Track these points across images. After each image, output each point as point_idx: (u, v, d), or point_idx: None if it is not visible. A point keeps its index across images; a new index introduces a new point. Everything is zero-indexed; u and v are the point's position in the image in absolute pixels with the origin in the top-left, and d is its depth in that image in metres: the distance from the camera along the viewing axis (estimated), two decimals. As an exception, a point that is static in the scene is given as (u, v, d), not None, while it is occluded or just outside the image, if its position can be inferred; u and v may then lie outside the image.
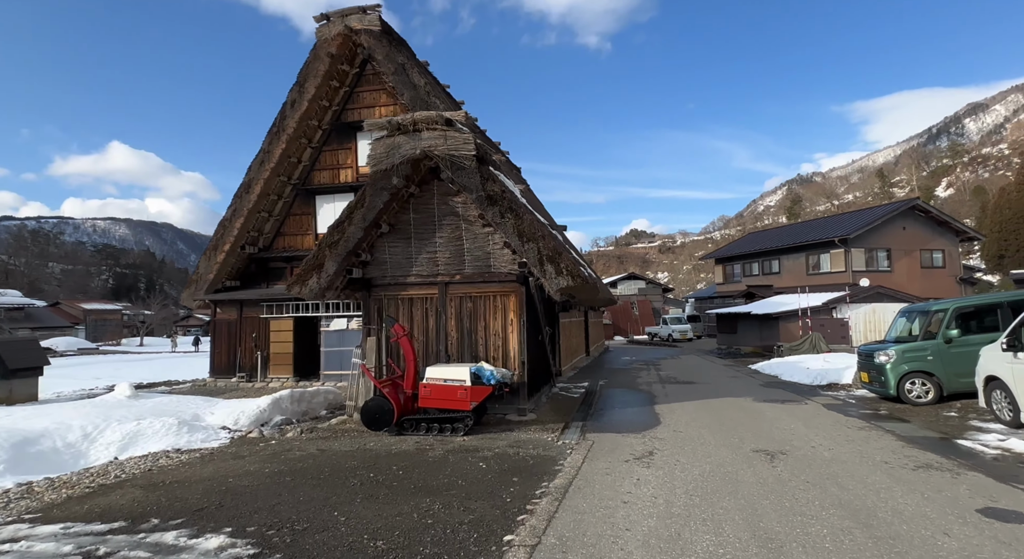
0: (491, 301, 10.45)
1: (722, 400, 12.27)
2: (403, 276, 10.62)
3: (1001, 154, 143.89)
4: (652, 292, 58.72)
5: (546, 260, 9.37)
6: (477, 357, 10.37)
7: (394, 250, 10.61)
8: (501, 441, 8.33)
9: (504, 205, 9.48)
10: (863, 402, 11.69)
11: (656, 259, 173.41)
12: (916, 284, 30.24)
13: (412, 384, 9.17)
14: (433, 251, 10.50)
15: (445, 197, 10.39)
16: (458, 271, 10.46)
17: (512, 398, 10.19)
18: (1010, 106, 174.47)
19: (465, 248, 10.39)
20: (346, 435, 9.07)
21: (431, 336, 10.56)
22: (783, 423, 9.41)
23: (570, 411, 11.07)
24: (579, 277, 9.41)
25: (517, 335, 10.26)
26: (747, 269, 38.03)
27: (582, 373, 19.27)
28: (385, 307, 10.72)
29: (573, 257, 9.76)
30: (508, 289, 10.35)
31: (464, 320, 10.49)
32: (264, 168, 17.58)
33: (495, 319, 10.41)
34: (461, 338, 10.47)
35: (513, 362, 10.26)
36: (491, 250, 10.31)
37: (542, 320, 11.76)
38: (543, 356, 12.39)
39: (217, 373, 18.65)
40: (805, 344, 22.23)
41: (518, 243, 9.46)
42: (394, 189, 9.76)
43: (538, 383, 11.71)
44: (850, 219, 33.88)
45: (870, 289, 26.46)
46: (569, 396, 13.31)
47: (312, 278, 9.95)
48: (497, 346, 10.36)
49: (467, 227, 10.36)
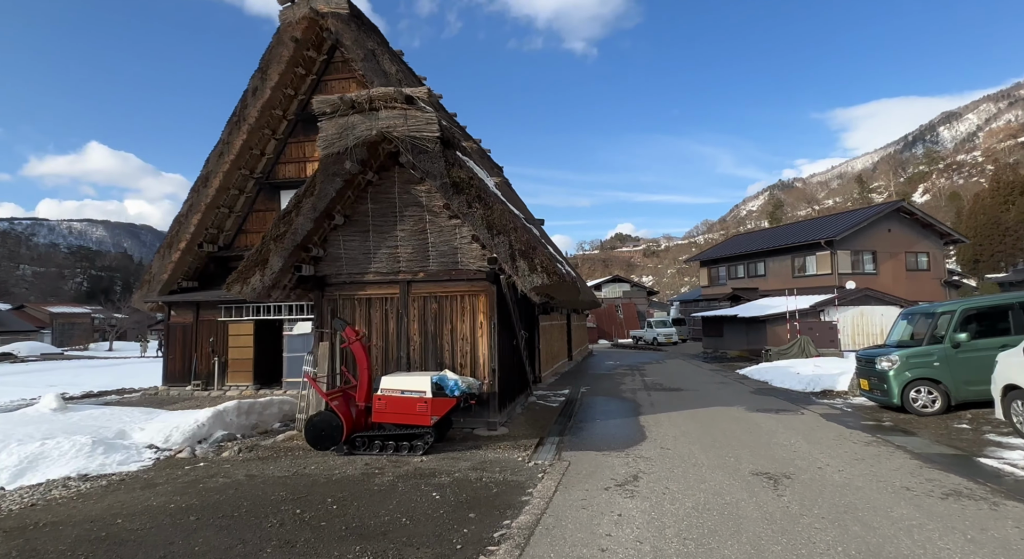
0: (458, 302, 9.38)
1: (712, 410, 11.32)
2: (360, 274, 9.50)
3: (975, 161, 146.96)
4: (637, 295, 58.05)
5: (518, 255, 8.33)
6: (443, 364, 9.29)
7: (350, 245, 9.49)
8: (464, 462, 7.26)
9: (471, 193, 8.42)
10: (863, 411, 10.81)
11: (641, 263, 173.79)
12: (901, 287, 29.77)
13: (365, 396, 8.05)
14: (394, 246, 9.41)
15: (407, 185, 9.30)
16: (422, 268, 9.38)
17: (482, 410, 9.12)
18: (982, 115, 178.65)
19: (430, 242, 9.32)
20: (288, 455, 7.91)
21: (391, 341, 9.45)
22: (781, 437, 8.46)
23: (547, 423, 10.02)
24: (555, 275, 8.38)
25: (487, 339, 9.20)
26: (732, 272, 37.44)
27: (564, 379, 18.26)
28: (340, 308, 9.59)
29: (549, 252, 8.73)
30: (477, 288, 9.29)
31: (428, 323, 9.40)
32: (223, 160, 16.35)
33: (463, 322, 9.34)
34: (425, 343, 9.38)
35: (483, 370, 9.20)
36: (458, 245, 9.25)
37: (517, 323, 10.71)
38: (518, 362, 11.34)
39: (171, 381, 17.30)
40: (794, 348, 21.46)
41: (487, 236, 8.41)
42: (348, 175, 8.65)
43: (512, 392, 10.66)
44: (836, 221, 33.41)
45: (857, 292, 25.88)
46: (547, 405, 12.26)
47: (255, 275, 8.78)
48: (465, 352, 9.29)
49: (432, 219, 9.29)
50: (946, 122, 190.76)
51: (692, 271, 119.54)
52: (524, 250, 8.39)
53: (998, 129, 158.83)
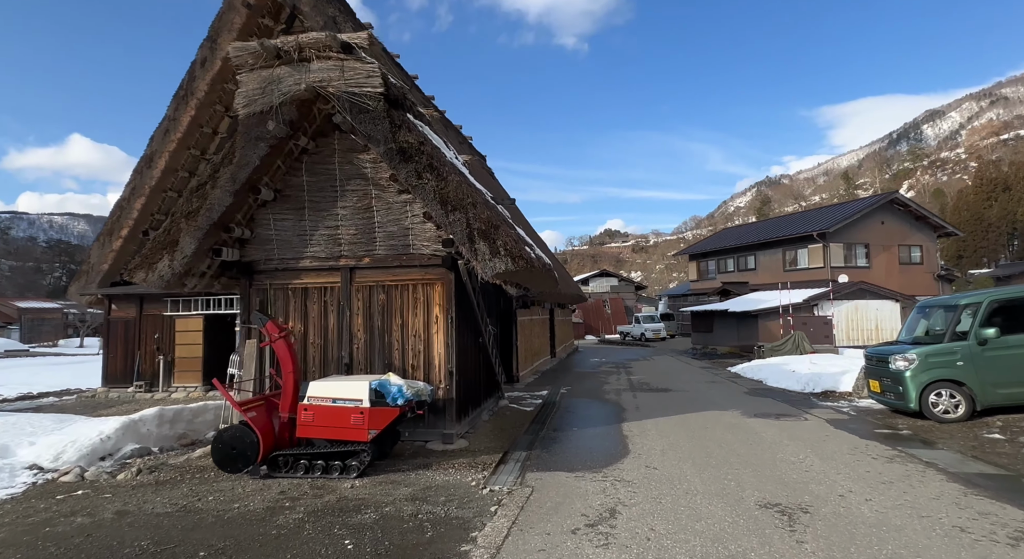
0: (410, 292, 7.98)
1: (704, 415, 10.04)
2: (294, 259, 8.07)
3: (959, 158, 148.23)
4: (625, 290, 56.91)
5: (477, 236, 6.95)
6: (392, 366, 7.90)
7: (282, 224, 8.05)
8: (404, 488, 5.88)
9: (422, 162, 7.02)
10: (873, 416, 9.60)
11: (629, 258, 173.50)
12: (894, 280, 28.78)
13: (290, 405, 6.64)
14: (334, 226, 7.97)
15: (349, 154, 7.87)
16: (367, 252, 7.96)
17: (437, 419, 7.76)
18: (965, 113, 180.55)
19: (376, 222, 7.90)
20: (193, 479, 6.48)
21: (331, 339, 8.03)
22: (788, 450, 7.19)
23: (516, 433, 8.67)
24: (522, 259, 7.02)
25: (443, 336, 7.82)
26: (722, 265, 36.36)
27: (544, 378, 16.94)
28: (271, 300, 8.15)
29: (516, 234, 7.36)
30: (433, 276, 7.90)
31: (375, 317, 8.00)
32: (169, 139, 14.69)
33: (415, 315, 7.95)
34: (371, 341, 7.98)
35: (438, 372, 7.82)
36: (410, 224, 7.84)
37: (482, 316, 9.34)
38: (484, 362, 9.98)
39: (111, 381, 15.73)
40: (788, 344, 20.34)
41: (440, 213, 7.01)
42: (275, 140, 7.20)
43: (477, 397, 9.29)
44: (828, 213, 32.40)
45: (852, 285, 24.86)
46: (521, 410, 10.92)
47: (162, 261, 7.31)
48: (418, 351, 7.90)
49: (378, 194, 7.87)
50: (930, 120, 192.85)
51: (680, 266, 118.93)
52: (484, 230, 7.00)
53: (981, 127, 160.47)
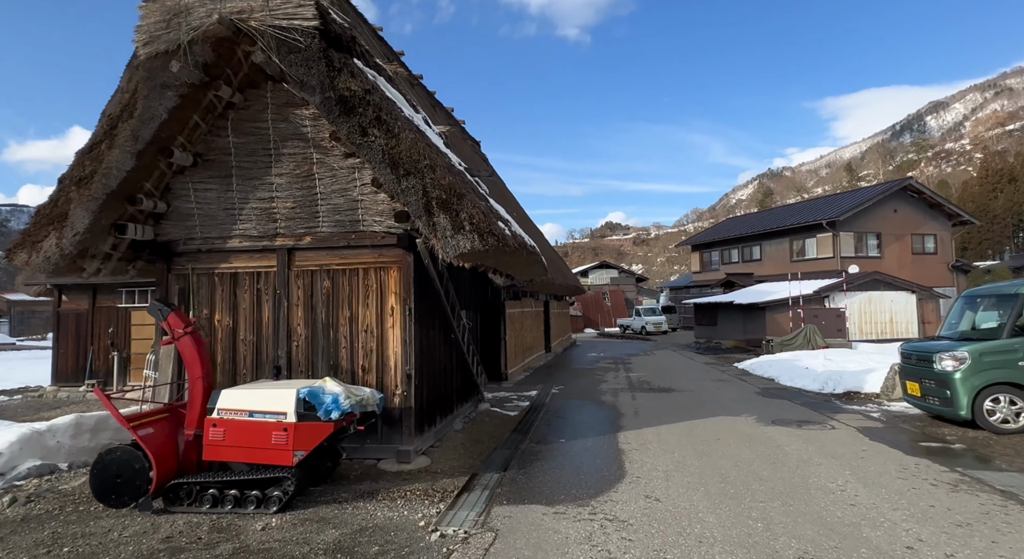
0: (360, 278, 6.59)
1: (714, 422, 8.67)
2: (221, 238, 6.66)
3: (963, 149, 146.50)
4: (625, 282, 55.48)
5: (436, 206, 5.55)
6: (338, 368, 6.52)
7: (205, 196, 6.63)
8: (331, 530, 4.52)
9: (368, 115, 5.60)
10: (911, 424, 8.24)
11: (630, 251, 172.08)
12: (907, 271, 27.33)
13: (198, 419, 5.26)
14: (268, 197, 6.57)
15: (285, 110, 6.44)
16: (308, 229, 6.56)
17: (392, 432, 6.39)
18: (969, 104, 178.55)
19: (319, 193, 6.49)
20: (68, 515, 5.12)
21: (266, 335, 6.65)
22: (821, 472, 5.82)
23: (492, 446, 7.31)
24: (492, 236, 5.62)
25: (401, 332, 6.44)
26: (726, 256, 34.94)
27: (535, 376, 15.58)
28: (193, 288, 6.75)
29: (488, 207, 5.96)
30: (388, 259, 6.51)
31: (318, 309, 6.61)
32: (122, 114, 13.26)
33: (367, 307, 6.56)
34: (313, 338, 6.59)
35: (393, 375, 6.44)
36: (359, 195, 6.43)
37: (453, 308, 7.95)
38: (459, 362, 8.60)
39: (62, 380, 14.40)
40: (799, 338, 18.96)
41: (391, 178, 5.60)
42: (185, 88, 5.77)
43: (446, 403, 7.92)
44: (839, 201, 30.93)
45: (865, 276, 23.41)
46: (503, 415, 9.56)
47: (49, 238, 5.91)
48: (370, 350, 6.51)
49: (321, 158, 6.46)
50: (933, 111, 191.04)
51: (682, 259, 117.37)
52: (445, 199, 5.60)
53: (985, 117, 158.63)
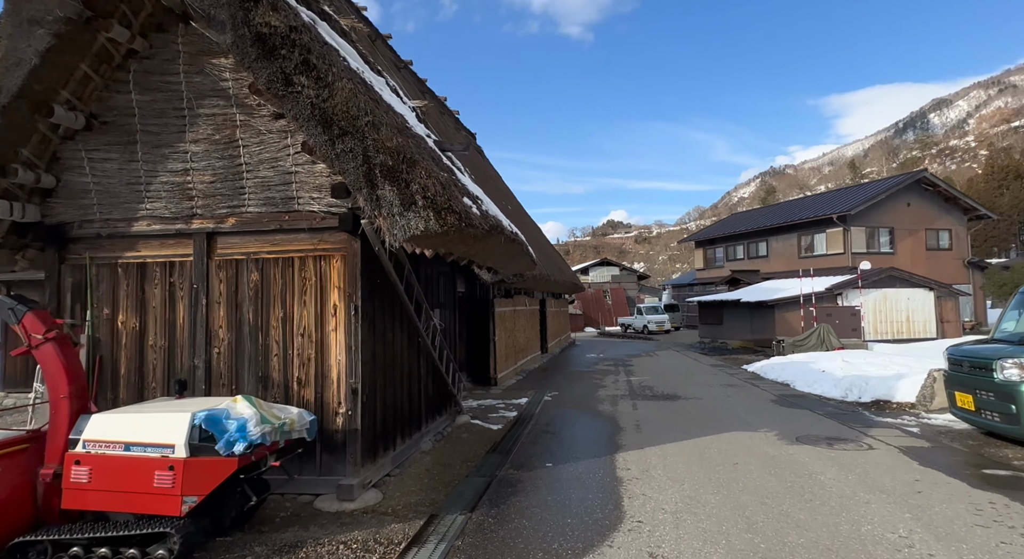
0: (296, 269, 5.33)
1: (728, 439, 7.41)
2: (125, 221, 5.41)
3: (968, 146, 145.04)
4: (627, 280, 54.16)
5: (380, 176, 4.30)
6: (268, 380, 5.27)
7: (104, 167, 5.37)
8: (213, 615, 3.28)
9: (293, 59, 4.34)
10: (962, 442, 6.98)
11: (632, 249, 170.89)
12: (921, 267, 26.03)
13: (61, 453, 4.01)
14: (183, 170, 5.31)
15: (200, 59, 5.18)
16: (232, 210, 5.31)
17: (335, 461, 5.14)
18: (973, 101, 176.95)
19: (244, 163, 5.23)
20: None
21: (181, 340, 5.39)
22: (873, 514, 4.56)
23: (463, 472, 6.06)
24: (452, 213, 4.37)
25: (345, 335, 5.18)
26: (731, 253, 33.67)
27: (528, 380, 14.33)
28: (92, 282, 5.50)
29: (449, 178, 4.68)
30: (329, 245, 5.25)
31: (244, 307, 5.35)
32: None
33: (303, 305, 5.30)
34: (238, 343, 5.33)
35: (335, 390, 5.19)
36: (293, 166, 5.18)
37: (419, 305, 6.70)
38: (429, 369, 7.32)
39: (10, 384, 13.14)
40: (812, 338, 17.68)
41: (322, 139, 4.35)
42: (59, 24, 4.52)
43: (410, 420, 6.66)
44: (849, 194, 29.62)
45: (879, 272, 22.11)
46: (484, 429, 8.30)
47: None
48: (308, 358, 5.25)
49: (246, 120, 5.20)
50: (936, 109, 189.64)
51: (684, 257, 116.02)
52: (391, 166, 4.34)
53: (990, 114, 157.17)
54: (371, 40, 12.98)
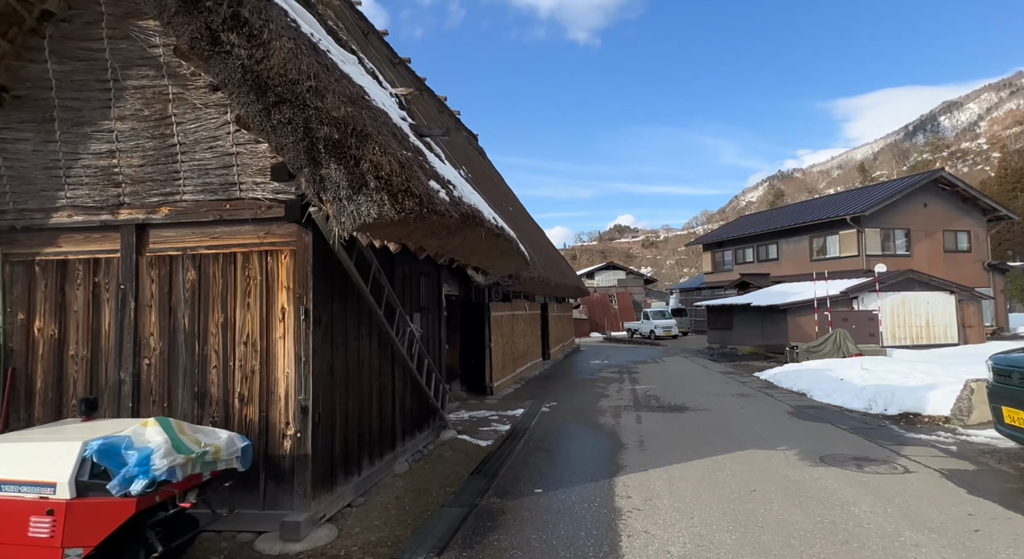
0: (239, 267, 4.59)
1: (743, 459, 6.58)
2: (42, 211, 4.69)
3: (980, 149, 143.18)
4: (633, 284, 53.23)
5: (324, 152, 3.56)
6: (206, 395, 4.51)
7: (15, 149, 4.66)
8: None
9: (220, 13, 3.61)
10: (1009, 463, 6.14)
11: (639, 253, 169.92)
12: (938, 270, 25.03)
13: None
14: (108, 151, 4.59)
15: (126, 22, 4.47)
16: (165, 198, 4.58)
17: (281, 491, 4.37)
18: (984, 104, 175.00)
19: (178, 143, 4.51)
20: None
21: (107, 349, 4.65)
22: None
23: (439, 499, 5.27)
24: (412, 198, 3.62)
25: (294, 344, 4.42)
26: (740, 256, 32.75)
27: (527, 389, 13.52)
28: (6, 281, 4.78)
29: (410, 157, 3.90)
30: (277, 238, 4.51)
31: (180, 311, 4.61)
32: None
33: (247, 308, 4.55)
34: (172, 354, 4.59)
35: (283, 407, 4.43)
36: (233, 147, 4.45)
37: (390, 309, 5.93)
38: (405, 382, 6.53)
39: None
40: (827, 344, 16.75)
41: (256, 110, 3.62)
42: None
43: (379, 441, 5.87)
44: (863, 195, 28.67)
45: (897, 275, 21.15)
46: (471, 445, 7.51)
47: None
48: (251, 371, 4.50)
49: (179, 93, 4.47)
50: (947, 112, 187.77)
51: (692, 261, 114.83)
52: (337, 140, 3.60)
53: (1002, 116, 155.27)
54: (363, 34, 12.34)
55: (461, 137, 22.75)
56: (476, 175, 17.60)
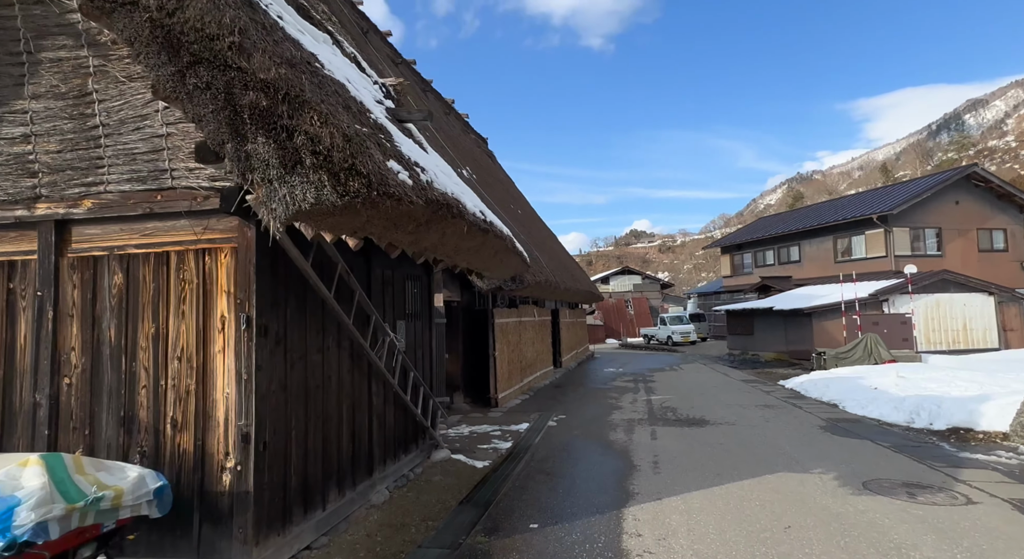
0: (173, 269, 3.91)
1: (772, 483, 5.72)
2: (-48, 206, 4.08)
3: (1008, 146, 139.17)
4: (649, 289, 52.07)
5: (249, 122, 2.86)
6: (133, 420, 3.83)
7: (-79, 137, 4.06)
8: None
9: (125, -44, 2.95)
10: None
11: (656, 258, 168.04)
12: (973, 270, 23.69)
13: None
14: (21, 136, 3.96)
15: (40, -14, 3.85)
16: (88, 189, 3.93)
17: (216, 535, 3.66)
18: (1010, 101, 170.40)
19: (101, 125, 3.86)
20: None
21: (21, 366, 4.00)
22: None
23: (417, 537, 4.52)
24: (358, 178, 2.92)
25: (235, 359, 3.72)
26: (760, 258, 31.60)
27: (535, 400, 12.73)
28: (-88, 289, 4.17)
29: (356, 131, 3.17)
30: (216, 235, 3.83)
31: (105, 322, 3.95)
32: None
33: (181, 317, 3.87)
34: (96, 371, 3.92)
35: (222, 434, 3.73)
36: (163, 127, 3.78)
37: (363, 316, 5.21)
38: (385, 400, 5.79)
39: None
40: (858, 350, 15.70)
41: (170, 73, 2.94)
42: None
43: (351, 469, 5.12)
44: (890, 193, 27.40)
45: (930, 275, 19.96)
46: (466, 467, 6.75)
47: None
48: (186, 391, 3.81)
49: (101, 66, 3.83)
50: (972, 110, 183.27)
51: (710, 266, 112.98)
52: (266, 108, 2.91)
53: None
54: (363, 32, 11.76)
55: (469, 140, 22.18)
56: (483, 177, 16.94)
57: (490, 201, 12.83)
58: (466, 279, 10.59)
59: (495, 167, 25.70)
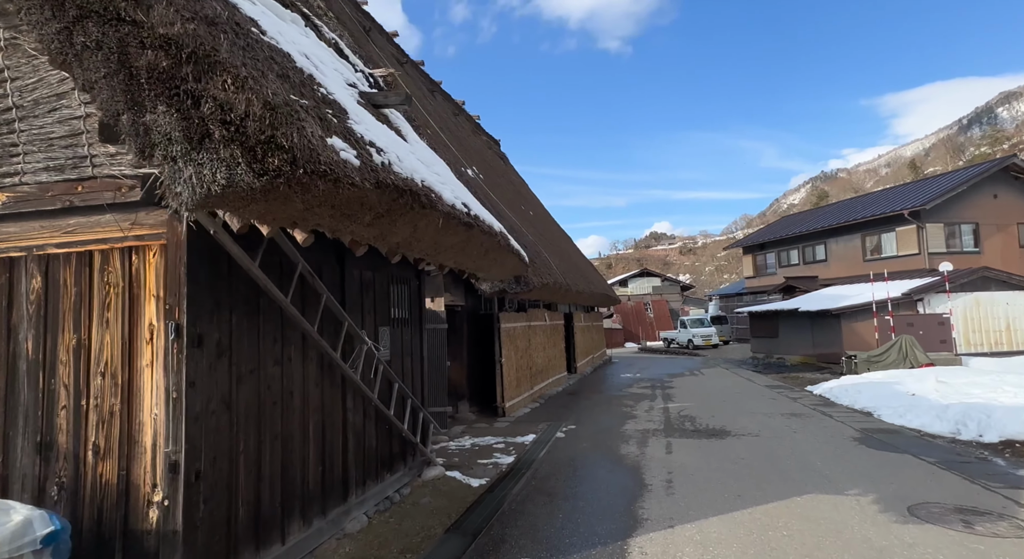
0: (97, 271, 3.41)
1: (802, 507, 5.01)
2: None
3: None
4: (669, 291, 50.92)
5: (146, 85, 2.33)
6: (51, 446, 3.32)
7: None
8: None
9: None
10: None
11: (677, 261, 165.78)
12: (1014, 267, 22.37)
13: None
14: (-67, 124, 3.51)
15: (-54, -49, 3.40)
16: (1, 180, 3.45)
17: (144, 582, 3.12)
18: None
19: (13, 108, 3.39)
20: None
21: (-65, 381, 3.54)
22: None
23: (390, 578, 3.95)
24: (278, 152, 2.37)
25: (164, 375, 3.19)
26: (783, 258, 30.48)
27: (545, 408, 12.09)
28: None
29: (284, 100, 2.61)
30: (145, 231, 3.31)
31: (21, 332, 3.46)
32: None
33: (106, 326, 3.36)
34: (10, 389, 3.43)
35: (149, 464, 3.19)
36: (82, 108, 3.29)
37: (333, 324, 4.66)
38: (364, 415, 5.22)
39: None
40: (892, 353, 14.73)
41: (55, 31, 2.44)
42: None
43: (325, 494, 4.54)
44: (921, 188, 26.15)
45: (969, 273, 18.80)
46: (460, 486, 6.15)
47: None
48: (110, 412, 3.29)
49: (12, 40, 3.36)
50: (1005, 102, 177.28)
51: (731, 268, 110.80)
52: (166, 71, 2.37)
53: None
54: (364, 30, 11.32)
55: (480, 141, 21.70)
56: (492, 178, 16.40)
57: (495, 200, 12.27)
58: (471, 283, 10.05)
59: (507, 169, 25.18)
